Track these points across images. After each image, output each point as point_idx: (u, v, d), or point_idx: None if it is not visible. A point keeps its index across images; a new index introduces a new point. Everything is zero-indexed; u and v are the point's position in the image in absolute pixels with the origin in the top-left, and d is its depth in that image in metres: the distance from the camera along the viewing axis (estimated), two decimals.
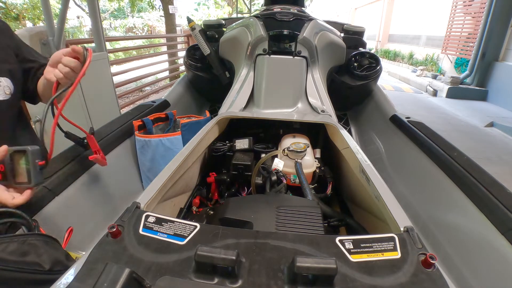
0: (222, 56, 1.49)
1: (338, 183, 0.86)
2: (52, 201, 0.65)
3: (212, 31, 1.61)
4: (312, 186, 0.80)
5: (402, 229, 0.41)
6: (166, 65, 5.51)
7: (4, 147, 0.48)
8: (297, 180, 0.71)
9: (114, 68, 5.28)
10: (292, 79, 1.11)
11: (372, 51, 1.64)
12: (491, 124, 3.70)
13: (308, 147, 0.83)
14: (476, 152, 2.88)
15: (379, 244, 0.37)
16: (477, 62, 4.93)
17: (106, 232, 0.38)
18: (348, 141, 0.74)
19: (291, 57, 1.12)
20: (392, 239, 0.38)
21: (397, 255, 0.36)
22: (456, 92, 4.96)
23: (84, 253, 0.37)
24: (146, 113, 1.21)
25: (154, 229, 0.39)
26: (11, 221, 0.42)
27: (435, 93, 5.36)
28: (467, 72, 5.10)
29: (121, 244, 0.37)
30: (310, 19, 1.24)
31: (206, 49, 1.51)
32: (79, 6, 10.48)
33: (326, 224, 0.65)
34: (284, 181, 0.65)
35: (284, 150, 0.78)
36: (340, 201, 0.87)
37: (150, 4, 11.09)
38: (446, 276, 0.34)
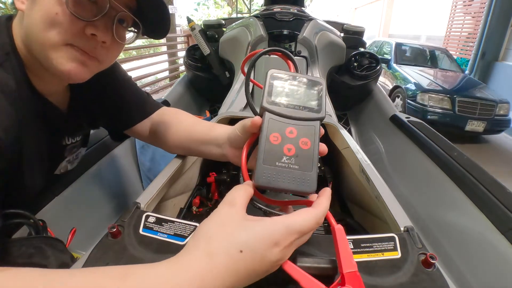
0: (222, 56, 1.49)
1: (338, 183, 0.86)
2: (52, 201, 0.66)
3: (212, 31, 1.61)
4: None
5: (402, 229, 0.41)
6: (166, 65, 5.50)
7: None
8: None
9: None
10: None
11: (372, 51, 1.64)
12: None
13: None
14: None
15: (379, 244, 0.37)
16: (477, 62, 4.94)
17: (106, 232, 0.38)
18: (348, 141, 0.74)
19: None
20: (392, 239, 0.38)
21: (397, 255, 0.36)
22: None
23: (84, 253, 0.37)
24: None
25: (154, 229, 0.39)
26: (18, 222, 0.42)
27: None
28: (467, 72, 5.10)
29: (121, 244, 0.37)
30: (310, 19, 1.24)
31: (206, 49, 1.51)
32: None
33: (326, 224, 0.65)
34: None
35: None
36: (340, 201, 0.87)
37: None
38: (446, 275, 0.34)
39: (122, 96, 0.61)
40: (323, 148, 0.35)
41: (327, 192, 0.32)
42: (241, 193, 0.30)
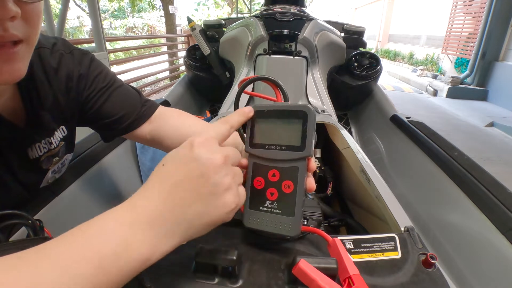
0: (222, 56, 1.49)
1: (339, 183, 0.86)
2: (52, 201, 0.65)
3: (212, 31, 1.62)
4: None
5: (402, 229, 0.41)
6: (166, 65, 5.50)
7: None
8: None
9: (114, 68, 5.29)
10: (292, 79, 1.11)
11: (372, 51, 1.64)
12: (491, 124, 3.70)
13: None
14: (476, 152, 2.88)
15: (380, 244, 0.37)
16: (477, 62, 4.93)
17: None
18: (349, 141, 0.74)
19: (291, 57, 1.12)
20: (392, 239, 0.38)
21: (397, 255, 0.36)
22: (456, 92, 4.96)
23: None
24: None
25: None
26: (14, 223, 0.42)
27: (435, 93, 5.36)
28: (467, 72, 5.10)
29: None
30: (310, 19, 1.24)
31: (206, 49, 1.51)
32: (79, 6, 10.49)
33: (327, 224, 0.65)
34: None
35: None
36: (340, 201, 0.87)
37: (150, 4, 11.11)
38: (446, 275, 0.34)
39: (113, 105, 0.55)
40: (311, 185, 0.33)
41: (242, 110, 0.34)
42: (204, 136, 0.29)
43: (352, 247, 0.37)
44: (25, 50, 0.36)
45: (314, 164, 0.34)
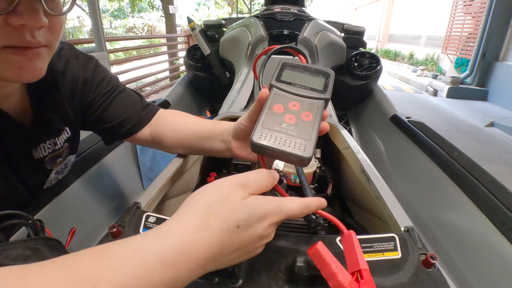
0: (222, 56, 1.49)
1: (339, 183, 0.86)
2: (52, 201, 0.65)
3: (212, 31, 1.62)
4: (313, 186, 0.80)
5: (402, 229, 0.41)
6: (166, 65, 5.50)
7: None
8: (298, 180, 0.71)
9: (115, 68, 5.29)
10: None
11: (372, 51, 1.64)
12: (491, 124, 3.70)
13: None
14: (476, 152, 2.88)
15: (380, 244, 0.37)
16: (477, 62, 4.93)
17: (106, 232, 0.38)
18: (349, 141, 0.74)
19: (291, 57, 1.12)
20: (392, 239, 0.38)
21: (397, 255, 0.36)
22: (457, 92, 4.95)
23: None
24: None
25: None
26: (14, 223, 0.42)
27: (435, 93, 5.36)
28: (467, 72, 5.09)
29: None
30: (310, 19, 1.24)
31: (206, 49, 1.51)
32: (79, 6, 10.48)
33: (327, 224, 0.65)
34: (285, 181, 0.65)
35: None
36: (340, 201, 0.87)
37: (150, 4, 11.11)
38: (446, 276, 0.34)
39: (115, 110, 0.57)
40: (325, 125, 0.35)
41: (321, 199, 0.34)
42: (259, 182, 0.30)
43: None
44: (46, 53, 0.39)
45: (327, 112, 0.37)
